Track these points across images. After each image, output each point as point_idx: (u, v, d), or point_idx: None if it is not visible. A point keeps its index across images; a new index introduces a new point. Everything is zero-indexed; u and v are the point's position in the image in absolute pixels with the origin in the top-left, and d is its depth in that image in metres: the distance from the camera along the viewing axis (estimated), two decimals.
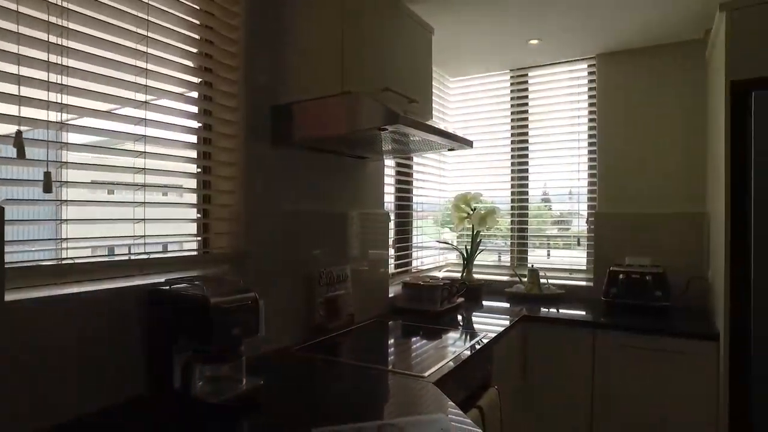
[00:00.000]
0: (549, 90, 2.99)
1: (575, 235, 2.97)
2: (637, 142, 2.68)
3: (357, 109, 1.48)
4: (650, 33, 2.48)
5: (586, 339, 2.18)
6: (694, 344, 1.98)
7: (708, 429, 1.96)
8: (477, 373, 1.73)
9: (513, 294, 2.78)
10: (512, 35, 2.54)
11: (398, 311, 2.37)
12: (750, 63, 1.81)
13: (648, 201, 2.64)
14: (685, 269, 2.49)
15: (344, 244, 2.09)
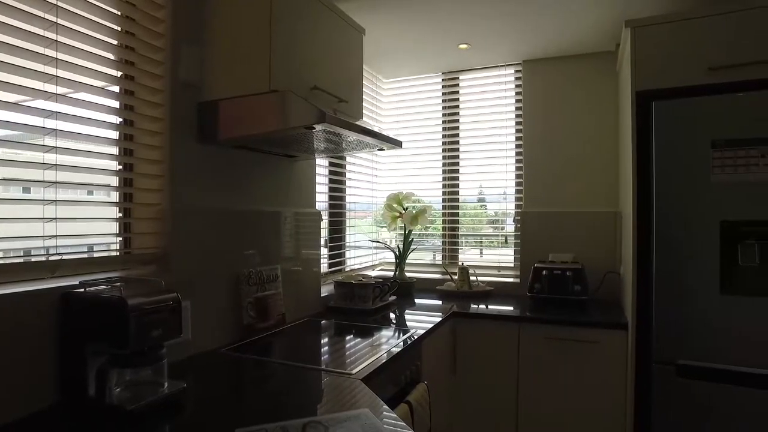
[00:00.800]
0: (479, 93, 3.11)
1: (503, 234, 3.10)
2: (558, 145, 2.84)
3: (284, 108, 1.48)
4: (569, 43, 2.63)
5: (512, 332, 2.28)
6: (607, 334, 2.13)
7: (618, 411, 2.11)
8: (406, 368, 1.77)
9: (444, 291, 2.86)
10: (443, 39, 2.61)
11: (331, 310, 2.38)
12: (651, 76, 1.97)
13: (569, 201, 2.81)
14: (602, 264, 2.68)
15: (275, 243, 2.07)
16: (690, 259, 1.89)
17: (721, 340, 1.85)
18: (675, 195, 1.90)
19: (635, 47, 2.00)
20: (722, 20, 1.88)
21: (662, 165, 1.92)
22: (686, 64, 1.92)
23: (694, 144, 1.87)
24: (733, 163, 1.81)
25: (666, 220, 1.92)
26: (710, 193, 1.85)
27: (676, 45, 1.94)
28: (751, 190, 1.80)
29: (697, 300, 1.88)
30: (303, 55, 1.67)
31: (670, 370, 1.92)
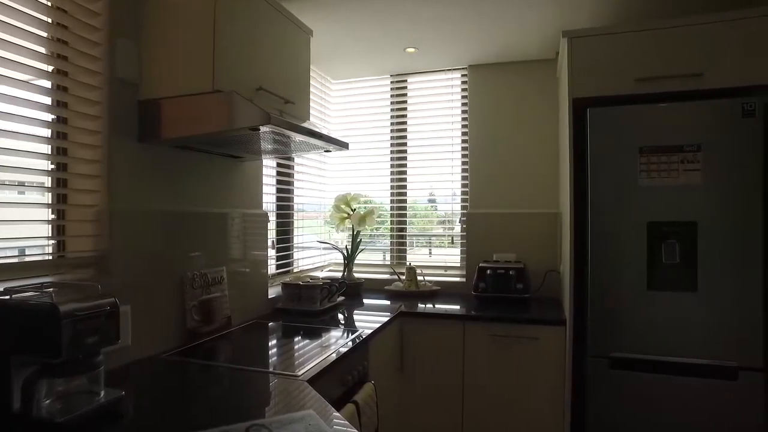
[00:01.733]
0: (426, 96, 3.16)
1: (450, 235, 3.17)
2: (502, 148, 2.94)
3: (228, 109, 1.46)
4: (512, 50, 2.73)
5: (457, 331, 2.34)
6: (547, 330, 2.22)
7: (557, 403, 2.21)
8: (353, 368, 1.78)
9: (392, 291, 2.90)
10: (390, 43, 2.65)
11: (279, 312, 2.37)
12: (586, 84, 2.09)
13: (513, 202, 2.91)
14: (543, 264, 2.80)
15: (221, 245, 2.03)
16: (621, 258, 2.01)
17: (649, 333, 1.98)
18: (608, 197, 2.02)
19: (572, 56, 2.11)
20: (648, 36, 2.02)
21: (596, 169, 2.04)
22: (617, 75, 2.05)
23: (624, 150, 1.99)
24: (657, 168, 1.95)
25: (600, 221, 2.03)
26: (638, 196, 1.98)
27: (608, 56, 2.06)
28: (672, 193, 1.94)
29: (627, 296, 2.00)
30: (248, 55, 1.66)
31: (604, 363, 2.04)
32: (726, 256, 1.90)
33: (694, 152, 1.92)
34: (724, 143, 1.89)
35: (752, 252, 1.88)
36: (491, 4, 2.15)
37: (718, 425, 1.91)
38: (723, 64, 1.94)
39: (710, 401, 1.92)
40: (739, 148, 1.88)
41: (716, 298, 1.91)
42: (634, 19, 2.29)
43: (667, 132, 1.95)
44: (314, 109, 2.95)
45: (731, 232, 1.90)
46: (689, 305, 1.94)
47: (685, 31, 1.98)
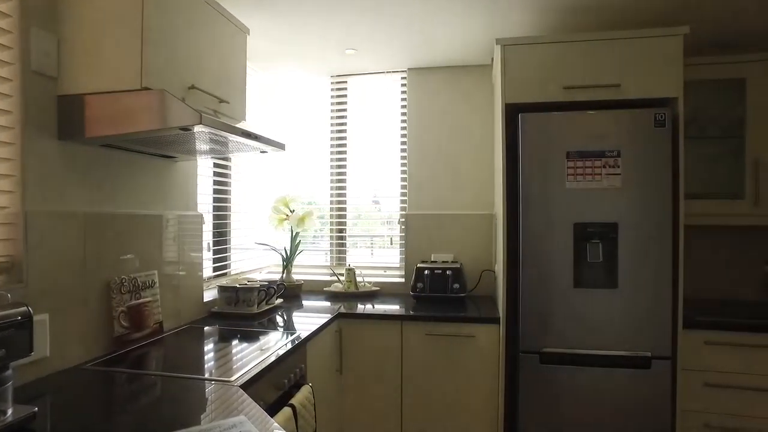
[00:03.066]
0: (367, 98, 3.18)
1: (389, 236, 3.20)
2: (440, 150, 3.00)
3: (158, 108, 1.40)
4: (450, 55, 2.80)
5: (395, 331, 2.37)
6: (482, 328, 2.29)
7: (492, 398, 2.29)
8: (290, 371, 1.76)
9: (331, 293, 2.90)
10: (330, 44, 2.64)
11: (215, 316, 2.31)
12: (518, 90, 2.18)
13: (451, 203, 2.98)
14: (479, 263, 2.89)
15: (152, 248, 1.95)
16: (550, 258, 2.11)
17: (575, 328, 2.10)
18: (538, 199, 2.11)
19: (504, 63, 2.19)
20: (574, 47, 2.13)
21: (527, 172, 2.13)
22: (546, 82, 2.15)
23: (552, 154, 2.10)
24: (583, 172, 2.06)
25: (530, 222, 2.13)
26: (565, 198, 2.09)
27: (538, 64, 2.16)
28: (596, 195, 2.06)
29: (556, 294, 2.11)
30: (180, 52, 1.60)
31: (535, 358, 2.14)
32: (642, 255, 2.04)
33: (615, 158, 2.05)
34: (640, 150, 2.04)
35: (664, 250, 2.03)
36: (426, 10, 2.19)
37: (634, 410, 2.06)
38: (637, 76, 2.08)
39: (628, 389, 2.06)
40: (652, 154, 2.03)
41: (633, 294, 2.05)
42: (563, 30, 2.41)
43: (591, 138, 2.07)
44: (253, 109, 2.89)
45: (646, 232, 2.04)
46: (611, 301, 2.07)
47: (605, 45, 2.11)
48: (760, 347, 2.09)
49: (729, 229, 2.69)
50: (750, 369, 2.10)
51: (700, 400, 2.13)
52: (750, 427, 2.10)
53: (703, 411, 2.13)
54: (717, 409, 2.12)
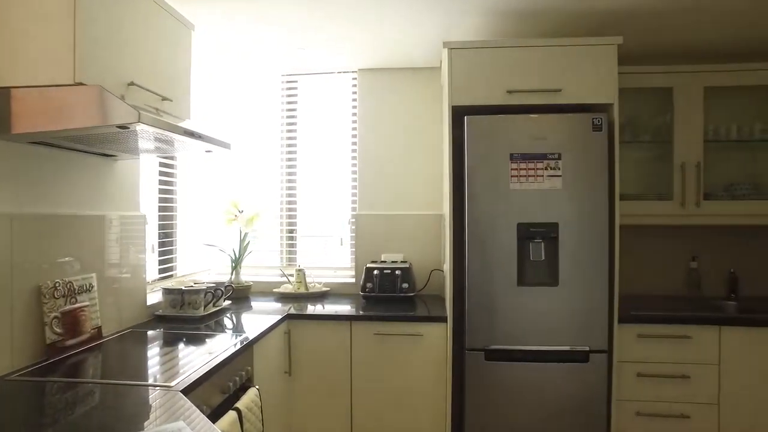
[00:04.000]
0: (318, 97, 3.16)
1: (340, 236, 3.19)
2: (390, 151, 3.03)
3: (92, 104, 1.35)
4: (400, 57, 2.83)
5: (344, 331, 2.38)
6: (430, 326, 2.33)
7: (440, 395, 2.33)
8: (235, 374, 1.74)
9: (281, 294, 2.87)
10: (280, 42, 2.61)
11: (159, 319, 2.24)
12: (465, 92, 2.23)
13: (401, 203, 3.01)
14: (429, 263, 2.94)
15: (91, 250, 1.87)
16: (495, 257, 2.18)
17: (518, 325, 2.17)
18: (483, 200, 2.17)
19: (451, 66, 2.24)
20: (518, 52, 2.21)
21: (473, 173, 2.18)
22: (491, 86, 2.21)
23: (497, 156, 2.16)
24: (526, 173, 2.14)
25: (476, 222, 2.18)
26: (509, 199, 2.16)
27: (484, 68, 2.22)
28: (538, 196, 2.14)
29: (500, 292, 2.17)
30: (118, 47, 1.54)
31: (480, 356, 2.19)
32: (580, 253, 2.14)
33: (556, 160, 2.13)
34: (579, 153, 2.13)
35: (601, 249, 2.14)
36: (377, 13, 2.21)
37: (574, 401, 2.16)
38: (576, 82, 2.18)
39: (569, 381, 2.16)
40: (590, 157, 2.13)
41: (573, 291, 2.15)
42: (510, 36, 2.48)
43: (533, 141, 2.15)
44: (201, 108, 2.82)
45: (585, 231, 2.14)
46: (552, 298, 2.15)
47: (547, 51, 2.20)
48: (685, 337, 2.24)
49: (659, 229, 2.85)
50: (676, 358, 2.25)
51: (633, 389, 2.26)
52: (675, 411, 2.25)
53: (636, 399, 2.26)
54: (647, 397, 2.26)
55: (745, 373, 2.23)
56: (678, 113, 2.54)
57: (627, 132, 2.66)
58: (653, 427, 2.26)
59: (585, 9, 2.13)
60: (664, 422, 2.26)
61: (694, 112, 2.53)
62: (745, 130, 2.62)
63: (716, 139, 2.62)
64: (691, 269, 2.81)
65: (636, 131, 2.67)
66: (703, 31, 2.40)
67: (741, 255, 2.84)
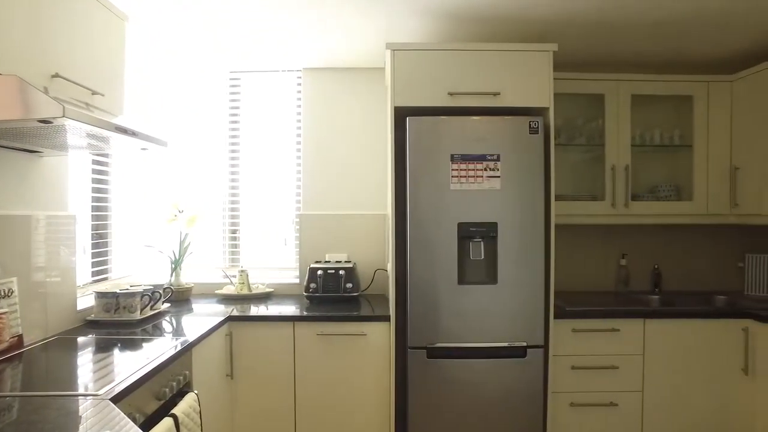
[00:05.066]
0: (262, 96, 3.11)
1: (284, 237, 3.15)
2: (336, 151, 3.02)
3: (10, 96, 1.26)
4: (345, 57, 2.82)
5: (287, 332, 2.35)
6: (373, 326, 2.34)
7: (383, 393, 2.35)
8: (172, 379, 1.68)
9: (223, 295, 2.80)
10: (223, 38, 2.55)
11: (91, 324, 2.13)
12: (407, 93, 2.26)
13: (346, 203, 3.01)
14: (374, 263, 2.96)
15: (11, 252, 1.75)
16: (436, 256, 2.22)
17: (459, 323, 2.22)
18: (425, 200, 2.21)
19: (394, 67, 2.26)
20: (459, 55, 2.26)
21: (414, 173, 2.21)
22: (433, 88, 2.25)
23: (438, 157, 2.20)
24: (466, 174, 2.19)
25: (418, 222, 2.21)
26: (450, 199, 2.20)
27: (426, 70, 2.25)
28: (478, 197, 2.20)
29: (441, 291, 2.22)
30: (40, 36, 1.46)
31: (422, 353, 2.23)
32: (518, 252, 2.22)
33: (495, 161, 2.20)
34: (517, 154, 2.21)
35: (537, 247, 2.22)
36: (322, 12, 2.20)
37: (513, 395, 2.23)
38: (514, 86, 2.26)
39: (507, 376, 2.23)
40: (527, 159, 2.21)
41: (511, 289, 2.22)
42: (453, 39, 2.54)
43: (473, 142, 2.20)
44: (139, 103, 2.70)
45: (522, 231, 2.22)
46: (491, 296, 2.22)
47: (487, 55, 2.26)
48: (614, 330, 2.37)
49: (593, 228, 3.00)
50: (606, 350, 2.37)
51: (567, 381, 2.37)
52: (605, 399, 2.38)
53: (570, 391, 2.37)
54: (580, 388, 2.37)
55: (665, 361, 2.39)
56: (609, 119, 2.68)
57: (563, 135, 2.78)
58: (585, 416, 2.38)
59: (523, 16, 2.21)
60: (595, 411, 2.38)
61: (623, 118, 2.68)
62: (666, 136, 2.80)
63: (642, 143, 2.78)
64: (620, 266, 2.97)
65: (571, 135, 2.80)
66: (632, 43, 2.55)
67: (664, 252, 3.04)
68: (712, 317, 2.40)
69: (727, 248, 3.06)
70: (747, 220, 2.67)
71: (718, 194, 2.74)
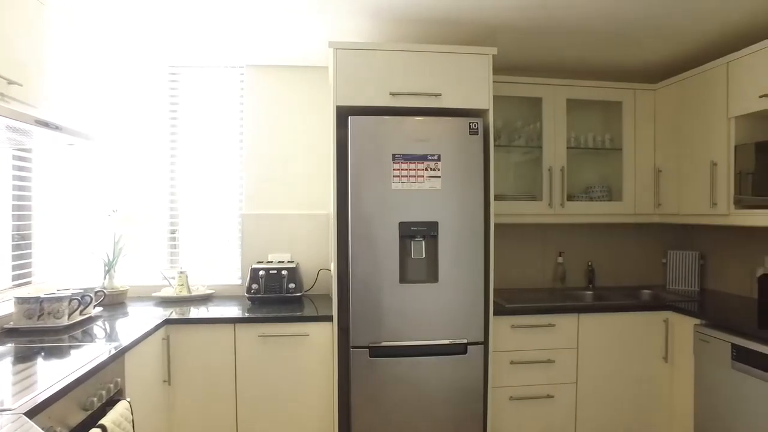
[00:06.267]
0: (204, 92, 3.01)
1: (226, 237, 3.07)
2: (279, 150, 2.97)
3: None
4: (289, 54, 2.77)
5: (228, 335, 2.29)
6: (316, 326, 2.33)
7: (327, 393, 2.34)
8: (101, 388, 1.60)
9: (162, 298, 2.70)
10: (161, 31, 2.44)
11: (11, 333, 1.99)
12: (349, 93, 2.25)
13: (289, 203, 2.97)
14: (317, 262, 2.93)
15: None
16: (378, 255, 2.22)
17: (401, 322, 2.24)
18: (366, 199, 2.21)
19: (336, 66, 2.25)
20: (401, 56, 2.27)
21: (356, 173, 2.21)
22: (375, 87, 2.26)
23: (379, 156, 2.21)
24: (407, 174, 2.21)
25: (359, 221, 2.21)
26: (391, 198, 2.22)
27: (368, 69, 2.26)
28: (419, 196, 2.23)
29: (383, 290, 2.23)
30: None
31: (365, 353, 2.23)
32: (459, 251, 2.26)
33: (436, 161, 2.23)
34: (457, 155, 2.25)
35: (477, 246, 2.28)
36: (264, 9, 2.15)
37: (454, 391, 2.28)
38: (455, 88, 2.30)
39: (448, 373, 2.27)
40: (468, 159, 2.26)
41: (452, 287, 2.26)
42: (397, 40, 2.55)
43: (415, 142, 2.22)
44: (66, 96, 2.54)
45: (463, 230, 2.26)
46: (432, 295, 2.25)
47: (428, 57, 2.29)
48: (550, 326, 2.46)
49: (532, 227, 3.11)
50: (543, 344, 2.47)
51: (507, 376, 2.44)
52: (542, 392, 2.48)
53: (509, 385, 2.44)
54: (519, 382, 2.45)
55: (597, 353, 2.52)
56: (546, 121, 2.79)
57: (504, 137, 2.86)
58: (524, 409, 2.46)
59: (465, 19, 2.25)
60: (532, 403, 2.46)
61: (559, 121, 2.79)
62: (599, 140, 2.94)
63: (577, 146, 2.91)
64: (557, 264, 3.09)
65: (512, 136, 2.88)
66: (567, 50, 2.65)
67: (597, 250, 3.19)
68: (637, 310, 2.55)
69: (652, 246, 3.25)
70: (668, 219, 2.85)
71: (644, 195, 2.91)
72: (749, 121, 2.37)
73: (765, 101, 2.19)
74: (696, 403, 2.33)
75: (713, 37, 2.47)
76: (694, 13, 2.18)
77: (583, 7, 2.13)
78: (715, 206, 2.47)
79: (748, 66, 2.29)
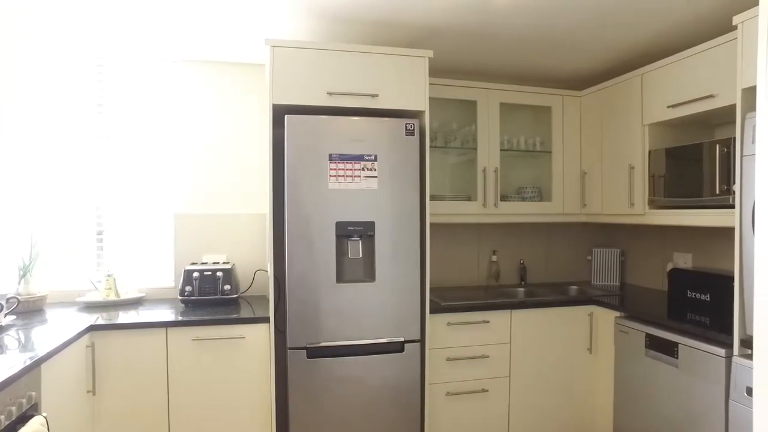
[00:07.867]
0: (136, 87, 2.87)
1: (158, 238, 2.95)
2: (216, 148, 2.89)
3: None
4: (227, 51, 2.70)
5: (159, 340, 2.20)
6: (252, 328, 2.28)
7: (264, 395, 2.30)
8: (11, 404, 1.49)
9: (88, 303, 2.55)
10: (92, 22, 2.31)
11: None
12: (286, 91, 2.23)
13: (224, 202, 2.89)
14: (254, 263, 2.88)
15: None
16: (315, 255, 2.21)
17: (339, 322, 2.24)
18: (303, 199, 2.20)
19: (274, 64, 2.22)
20: (339, 55, 2.28)
21: (292, 172, 2.19)
22: (312, 87, 2.24)
23: (316, 156, 2.21)
24: (344, 173, 2.22)
25: (296, 221, 2.20)
26: (328, 198, 2.22)
27: (306, 68, 2.24)
28: (356, 196, 2.24)
29: (320, 290, 2.22)
30: None
31: (302, 354, 2.22)
32: (395, 250, 2.29)
33: (372, 161, 2.25)
34: (393, 155, 2.28)
35: (413, 245, 2.32)
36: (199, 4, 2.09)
37: (392, 389, 2.31)
38: (392, 89, 2.33)
39: (386, 371, 2.30)
40: (404, 160, 2.29)
41: (389, 286, 2.29)
42: (335, 40, 2.55)
43: (351, 142, 2.23)
44: None
45: (399, 229, 2.30)
46: (369, 294, 2.27)
47: (366, 57, 2.30)
48: (484, 322, 2.55)
49: (467, 226, 3.20)
50: (478, 341, 2.55)
51: (443, 373, 2.50)
52: (477, 387, 2.56)
53: (445, 382, 2.51)
54: (455, 378, 2.52)
55: (528, 347, 2.63)
56: (480, 124, 2.88)
57: (440, 138, 2.93)
58: (460, 404, 2.53)
59: (401, 21, 2.28)
60: (468, 398, 2.54)
61: (493, 124, 2.89)
62: (530, 142, 3.08)
63: (510, 148, 3.03)
64: (492, 262, 3.20)
65: (448, 138, 2.95)
66: (502, 55, 2.74)
67: (529, 248, 3.34)
68: (565, 305, 2.69)
69: (579, 244, 3.44)
70: (593, 218, 3.02)
71: (571, 196, 3.07)
72: (660, 128, 2.57)
73: (672, 111, 2.39)
74: (615, 390, 2.49)
75: (638, 49, 2.64)
76: (617, 27, 2.33)
77: (517, 17, 2.21)
78: (633, 206, 2.65)
79: (658, 78, 2.49)
